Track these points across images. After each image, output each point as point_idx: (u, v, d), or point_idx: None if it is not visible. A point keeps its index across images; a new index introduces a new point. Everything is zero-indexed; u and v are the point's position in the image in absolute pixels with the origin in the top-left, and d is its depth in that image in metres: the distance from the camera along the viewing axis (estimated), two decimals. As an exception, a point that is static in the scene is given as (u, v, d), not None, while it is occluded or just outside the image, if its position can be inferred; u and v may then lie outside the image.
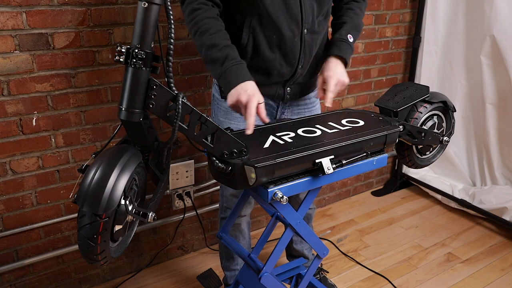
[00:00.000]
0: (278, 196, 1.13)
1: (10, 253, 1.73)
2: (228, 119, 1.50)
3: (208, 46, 1.26)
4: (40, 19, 1.51)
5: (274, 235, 1.83)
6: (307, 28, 1.40)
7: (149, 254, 2.11)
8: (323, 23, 1.47)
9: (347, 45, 1.45)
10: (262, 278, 1.29)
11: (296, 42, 1.39)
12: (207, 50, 1.26)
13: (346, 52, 1.44)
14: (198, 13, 1.28)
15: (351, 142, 1.23)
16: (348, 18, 1.50)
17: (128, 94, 1.00)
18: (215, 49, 1.25)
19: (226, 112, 1.50)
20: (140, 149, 1.13)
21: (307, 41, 1.41)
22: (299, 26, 1.38)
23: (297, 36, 1.39)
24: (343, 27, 1.48)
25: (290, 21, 1.36)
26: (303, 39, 1.40)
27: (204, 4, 1.30)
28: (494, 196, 2.42)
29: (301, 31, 1.39)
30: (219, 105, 1.52)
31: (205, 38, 1.26)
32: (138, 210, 1.04)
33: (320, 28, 1.46)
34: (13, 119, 1.57)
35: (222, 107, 1.51)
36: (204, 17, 1.28)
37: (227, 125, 1.50)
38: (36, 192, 1.71)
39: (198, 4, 1.29)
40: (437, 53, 2.57)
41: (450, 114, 1.57)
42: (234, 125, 1.49)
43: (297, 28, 1.38)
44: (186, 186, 2.05)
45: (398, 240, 2.34)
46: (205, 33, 1.26)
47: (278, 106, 1.53)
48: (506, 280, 2.03)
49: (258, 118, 1.48)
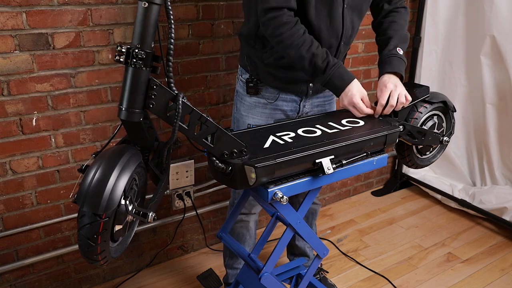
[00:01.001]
0: (278, 196, 1.13)
1: (10, 253, 1.73)
2: (251, 114, 1.56)
3: (308, 58, 1.33)
4: (40, 19, 1.51)
5: (274, 235, 1.82)
6: (344, 41, 1.46)
7: (149, 254, 2.11)
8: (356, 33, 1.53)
9: (398, 59, 1.43)
10: (262, 278, 1.29)
11: (331, 53, 1.44)
12: (307, 61, 1.33)
13: (398, 66, 1.42)
14: (287, 28, 1.32)
15: (351, 142, 1.23)
16: (392, 31, 1.49)
17: (128, 94, 1.00)
18: (315, 58, 1.33)
19: (249, 107, 1.56)
20: (140, 149, 1.13)
21: (341, 52, 1.48)
22: (338, 40, 1.44)
23: (334, 47, 1.45)
24: (390, 42, 1.47)
25: (331, 35, 1.42)
26: (338, 51, 1.47)
27: (287, 17, 1.32)
28: (494, 196, 2.42)
29: (338, 43, 1.45)
30: (243, 100, 1.58)
31: (303, 50, 1.32)
32: (138, 210, 1.04)
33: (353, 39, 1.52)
34: (13, 119, 1.57)
35: (246, 102, 1.56)
36: (295, 30, 1.32)
37: (249, 119, 1.57)
38: (36, 192, 1.71)
39: (282, 18, 1.31)
40: (437, 53, 2.56)
41: (450, 114, 1.57)
42: (256, 120, 1.56)
43: (336, 41, 1.44)
44: (186, 186, 2.05)
45: (398, 240, 2.34)
46: (301, 45, 1.32)
47: (301, 100, 1.57)
48: (506, 280, 2.03)
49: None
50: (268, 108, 1.55)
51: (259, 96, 1.54)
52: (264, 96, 1.54)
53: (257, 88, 1.52)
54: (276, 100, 1.53)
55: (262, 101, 1.54)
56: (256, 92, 1.53)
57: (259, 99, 1.54)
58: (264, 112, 1.55)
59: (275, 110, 1.55)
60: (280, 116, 1.55)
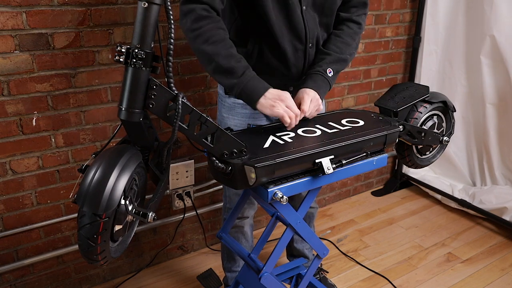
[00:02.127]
0: (278, 196, 1.13)
1: (10, 253, 1.73)
2: (231, 115, 1.52)
3: (225, 55, 1.24)
4: (40, 19, 1.51)
5: (274, 235, 1.83)
6: (312, 43, 1.41)
7: (149, 254, 2.11)
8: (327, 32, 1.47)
9: (323, 80, 1.37)
10: (262, 278, 1.29)
11: (299, 56, 1.41)
12: (224, 59, 1.24)
13: (320, 87, 1.36)
14: (207, 22, 1.25)
15: (351, 142, 1.23)
16: (333, 48, 1.42)
17: (128, 94, 1.00)
18: (234, 59, 1.25)
19: (229, 108, 1.52)
20: (140, 149, 1.13)
21: (311, 55, 1.43)
22: (302, 42, 1.39)
23: (300, 50, 1.40)
24: (324, 60, 1.40)
25: (294, 37, 1.37)
26: (307, 53, 1.41)
27: (208, 12, 1.26)
28: (494, 196, 2.42)
29: (305, 46, 1.40)
30: (223, 102, 1.54)
31: (220, 47, 1.24)
32: (138, 210, 1.04)
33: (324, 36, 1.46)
34: (13, 119, 1.57)
35: (226, 103, 1.52)
36: (216, 27, 1.26)
37: (230, 120, 1.52)
38: (36, 192, 1.71)
39: (202, 11, 1.25)
40: (437, 53, 2.56)
41: (450, 114, 1.57)
42: (237, 121, 1.51)
43: (301, 44, 1.39)
44: (186, 186, 2.05)
45: (398, 240, 2.34)
46: (220, 43, 1.25)
47: None
48: (506, 280, 2.03)
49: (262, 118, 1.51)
50: (248, 109, 1.48)
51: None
52: None
53: None
54: None
55: (241, 102, 1.47)
56: None
57: (237, 99, 1.45)
58: (244, 113, 1.50)
59: (255, 112, 1.49)
60: (260, 117, 1.51)
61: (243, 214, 1.68)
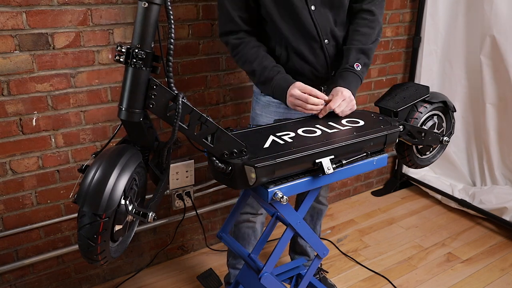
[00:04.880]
0: (278, 196, 1.13)
1: (10, 253, 1.73)
2: (265, 112, 1.59)
3: (260, 70, 1.41)
4: (40, 19, 1.51)
5: (274, 235, 1.82)
6: (328, 38, 1.43)
7: (149, 254, 2.11)
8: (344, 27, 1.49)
9: (353, 76, 1.40)
10: (262, 278, 1.29)
11: (318, 54, 1.44)
12: (259, 73, 1.40)
13: (351, 83, 1.39)
14: (241, 48, 1.43)
15: (351, 142, 1.23)
16: (355, 42, 1.44)
17: (128, 94, 1.00)
18: (267, 70, 1.40)
19: (263, 106, 1.59)
20: (140, 149, 1.13)
21: (329, 50, 1.45)
22: (316, 40, 1.42)
23: (317, 48, 1.43)
24: (350, 55, 1.43)
25: (307, 38, 1.41)
26: (324, 50, 1.44)
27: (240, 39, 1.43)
28: (494, 196, 2.42)
29: (320, 43, 1.43)
30: (258, 99, 1.61)
31: (255, 64, 1.41)
32: (138, 210, 1.04)
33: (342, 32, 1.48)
34: (13, 119, 1.57)
35: (261, 101, 1.60)
36: (249, 47, 1.43)
37: (263, 118, 1.61)
38: (36, 192, 1.71)
39: (234, 40, 1.44)
40: (437, 53, 2.56)
41: (450, 114, 1.57)
42: (269, 118, 1.58)
43: (316, 42, 1.42)
44: (186, 186, 2.05)
45: (398, 240, 2.34)
46: (254, 61, 1.41)
47: None
48: (506, 280, 2.03)
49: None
50: (282, 108, 1.55)
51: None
52: None
53: None
54: None
55: (276, 100, 1.54)
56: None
57: (272, 98, 1.53)
58: (278, 111, 1.56)
59: (289, 109, 1.52)
60: (294, 113, 1.53)
61: (257, 210, 1.69)
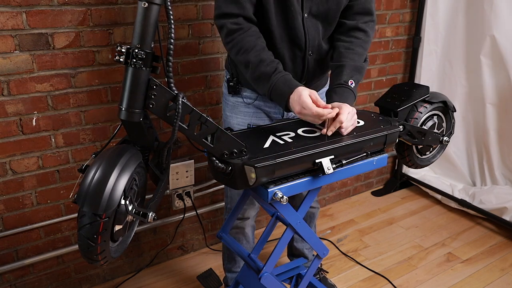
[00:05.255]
0: (278, 196, 1.13)
1: (10, 253, 1.73)
2: (234, 113, 1.55)
3: (255, 62, 1.28)
4: (40, 19, 1.51)
5: (274, 235, 1.83)
6: (312, 51, 1.40)
7: (149, 254, 2.11)
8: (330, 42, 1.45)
9: (349, 92, 1.33)
10: (262, 278, 1.29)
11: (298, 63, 1.41)
12: (254, 65, 1.28)
13: (348, 99, 1.32)
14: (238, 34, 1.29)
15: (351, 142, 1.23)
16: (347, 60, 1.37)
17: (128, 94, 1.00)
18: (263, 64, 1.28)
19: (232, 107, 1.55)
20: (140, 149, 1.13)
21: (310, 62, 1.42)
22: (302, 49, 1.38)
23: (299, 57, 1.40)
24: (343, 72, 1.35)
25: (293, 44, 1.37)
26: (306, 61, 1.41)
27: (238, 24, 1.30)
28: (494, 196, 2.42)
29: (304, 54, 1.39)
30: (227, 101, 1.57)
31: (251, 55, 1.28)
32: (138, 210, 1.04)
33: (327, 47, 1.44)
34: (13, 119, 1.57)
35: (229, 102, 1.55)
36: (247, 35, 1.29)
37: (233, 119, 1.55)
38: (36, 192, 1.71)
39: (232, 25, 1.29)
40: (437, 53, 2.56)
41: (450, 114, 1.57)
42: (240, 119, 1.53)
43: (300, 52, 1.39)
44: (186, 186, 2.05)
45: (398, 240, 2.34)
46: (250, 51, 1.28)
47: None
48: (506, 280, 2.03)
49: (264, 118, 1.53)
50: (250, 108, 1.52)
51: (240, 96, 1.52)
52: (244, 96, 1.52)
53: (237, 88, 1.50)
54: (256, 100, 1.51)
55: (243, 101, 1.52)
56: (237, 92, 1.51)
57: (240, 98, 1.52)
58: (247, 112, 1.52)
59: (257, 109, 1.52)
60: (263, 117, 1.53)
61: (244, 215, 1.68)
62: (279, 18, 1.33)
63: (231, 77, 1.51)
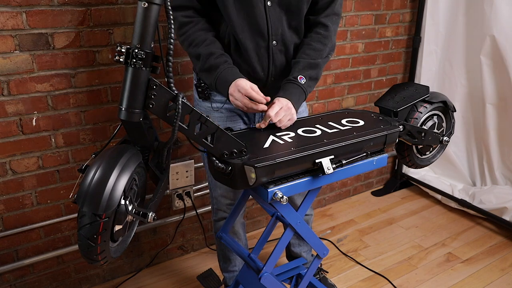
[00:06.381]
0: (278, 196, 1.13)
1: (10, 253, 1.73)
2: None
3: (205, 55, 1.32)
4: (40, 19, 1.51)
5: (274, 235, 1.83)
6: (276, 40, 1.37)
7: (149, 254, 2.11)
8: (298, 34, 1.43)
9: (296, 87, 1.34)
10: (262, 278, 1.29)
11: (262, 54, 1.38)
12: (204, 58, 1.32)
13: (292, 94, 1.33)
14: (189, 27, 1.34)
15: (351, 142, 1.23)
16: (303, 55, 1.39)
17: (128, 94, 1.00)
18: (213, 56, 1.32)
19: (205, 112, 1.51)
20: (140, 149, 1.13)
21: (275, 53, 1.39)
22: (265, 38, 1.36)
23: (263, 48, 1.37)
24: (295, 68, 1.37)
25: (255, 33, 1.34)
26: (270, 51, 1.38)
27: (188, 17, 1.34)
28: (494, 196, 2.42)
29: (268, 43, 1.37)
30: (199, 106, 1.53)
31: (201, 48, 1.32)
32: (138, 210, 1.04)
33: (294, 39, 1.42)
34: (13, 119, 1.57)
35: (202, 107, 1.52)
36: (198, 29, 1.34)
37: None
38: (36, 192, 1.71)
39: (183, 18, 1.34)
40: (437, 53, 2.56)
41: (450, 114, 1.57)
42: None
43: (263, 41, 1.36)
44: (186, 186, 2.05)
45: (398, 240, 2.34)
46: (201, 44, 1.33)
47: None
48: (506, 280, 2.03)
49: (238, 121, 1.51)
50: (222, 112, 1.48)
51: (210, 101, 1.48)
52: (214, 101, 1.48)
53: (206, 93, 1.47)
54: (226, 103, 1.47)
55: (214, 105, 1.48)
56: (206, 97, 1.48)
57: (210, 103, 1.48)
58: (220, 116, 1.48)
59: (231, 113, 1.49)
60: (237, 120, 1.50)
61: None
62: (238, 6, 1.31)
63: (199, 82, 1.47)
